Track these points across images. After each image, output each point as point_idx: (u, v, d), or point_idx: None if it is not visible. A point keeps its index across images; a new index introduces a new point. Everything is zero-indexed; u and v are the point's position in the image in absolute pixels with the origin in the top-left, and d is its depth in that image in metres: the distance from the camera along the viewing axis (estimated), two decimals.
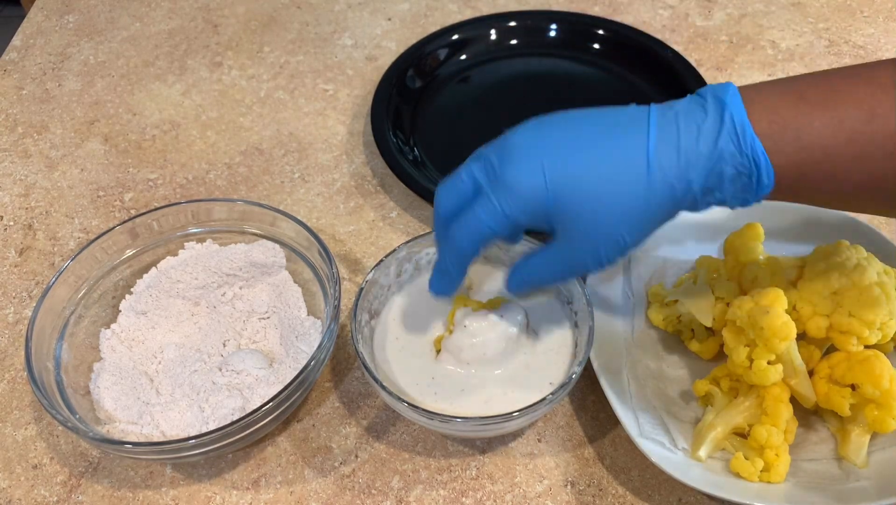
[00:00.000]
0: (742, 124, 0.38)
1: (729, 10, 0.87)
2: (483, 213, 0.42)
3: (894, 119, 0.36)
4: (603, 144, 0.40)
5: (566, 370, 0.50)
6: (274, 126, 0.76)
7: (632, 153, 0.39)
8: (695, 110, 0.39)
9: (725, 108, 0.38)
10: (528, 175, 0.40)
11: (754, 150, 0.38)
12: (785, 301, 0.47)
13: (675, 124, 0.39)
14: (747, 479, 0.47)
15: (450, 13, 0.88)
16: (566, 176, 0.40)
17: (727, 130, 0.38)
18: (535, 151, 0.41)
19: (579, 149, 0.40)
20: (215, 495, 0.51)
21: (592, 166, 0.40)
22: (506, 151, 0.42)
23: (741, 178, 0.39)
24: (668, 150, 0.39)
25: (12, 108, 0.80)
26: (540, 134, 0.41)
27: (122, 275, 0.59)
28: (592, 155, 0.40)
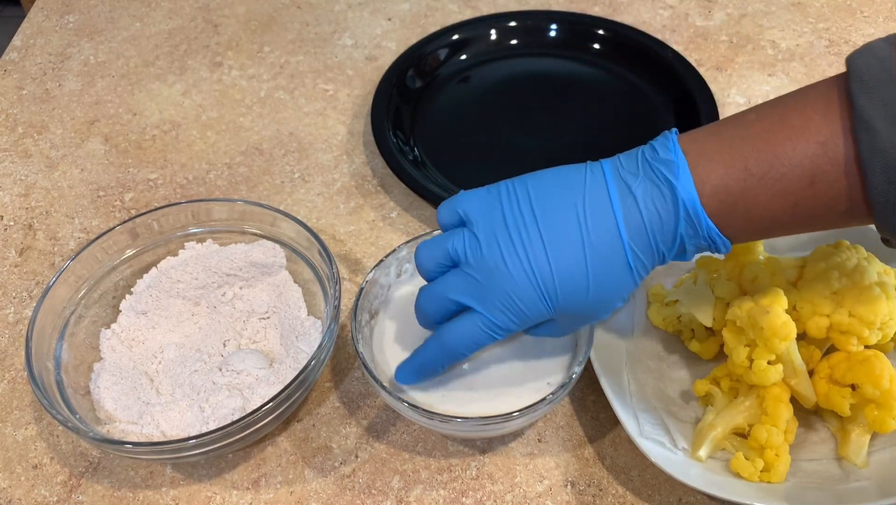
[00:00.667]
0: (696, 212, 0.41)
1: (729, 10, 0.87)
2: (483, 327, 0.44)
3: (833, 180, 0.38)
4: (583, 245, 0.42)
5: (566, 370, 0.50)
6: (274, 126, 0.76)
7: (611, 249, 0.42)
8: (652, 194, 0.41)
9: (677, 196, 0.41)
10: (525, 294, 0.43)
11: (709, 231, 0.41)
12: (785, 301, 0.47)
13: (639, 212, 0.42)
14: (747, 479, 0.47)
15: (450, 13, 0.88)
16: (559, 283, 0.42)
17: (683, 219, 0.41)
18: (523, 267, 0.42)
19: (563, 254, 0.42)
20: (215, 495, 0.51)
21: (581, 269, 0.42)
22: (492, 271, 0.43)
23: (701, 248, 0.43)
24: (640, 240, 0.42)
25: (12, 108, 0.80)
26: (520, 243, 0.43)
27: (122, 275, 0.59)
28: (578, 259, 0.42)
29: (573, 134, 0.73)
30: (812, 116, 0.39)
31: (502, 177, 0.47)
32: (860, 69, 0.37)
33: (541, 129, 0.74)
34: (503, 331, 0.44)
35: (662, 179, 0.41)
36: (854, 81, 0.37)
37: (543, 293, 0.42)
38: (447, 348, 0.46)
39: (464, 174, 0.69)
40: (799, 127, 0.39)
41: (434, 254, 0.46)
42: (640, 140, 0.73)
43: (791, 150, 0.39)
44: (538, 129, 0.74)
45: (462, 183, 0.68)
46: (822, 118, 0.38)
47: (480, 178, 0.69)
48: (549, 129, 0.74)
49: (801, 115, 0.39)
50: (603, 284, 0.43)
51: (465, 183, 0.68)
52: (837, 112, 0.38)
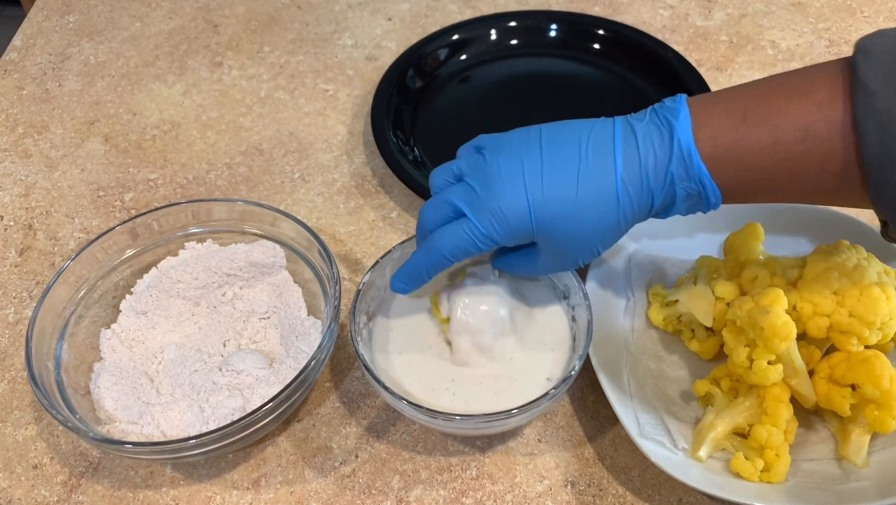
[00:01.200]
0: (689, 151, 0.42)
1: (729, 10, 0.87)
2: (469, 233, 0.45)
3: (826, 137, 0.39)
4: (578, 170, 0.44)
5: (566, 366, 0.50)
6: (274, 126, 0.76)
7: (604, 181, 0.43)
8: (651, 134, 0.43)
9: (674, 135, 0.42)
10: (513, 204, 0.44)
11: (700, 174, 0.42)
12: (785, 301, 0.47)
13: (637, 150, 0.43)
14: (747, 479, 0.47)
15: (450, 13, 0.88)
16: (548, 201, 0.44)
17: (676, 157, 0.42)
18: (518, 180, 0.44)
19: (558, 175, 0.44)
20: (215, 495, 0.51)
21: (572, 192, 0.43)
22: (489, 178, 0.45)
23: (691, 197, 0.43)
24: (632, 177, 0.43)
25: (13, 108, 0.80)
26: (520, 160, 0.45)
27: (122, 275, 0.59)
28: (570, 181, 0.43)
29: None
30: (814, 81, 0.40)
31: None
32: (867, 44, 0.38)
33: None
34: (487, 239, 0.45)
35: (664, 121, 0.43)
36: (859, 52, 0.38)
37: (531, 207, 0.43)
38: (433, 251, 0.46)
39: None
40: (799, 89, 0.40)
41: (444, 171, 0.48)
42: None
43: (786, 105, 0.40)
44: None
45: None
46: (823, 84, 0.39)
47: None
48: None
49: (804, 80, 0.40)
50: (589, 213, 0.43)
51: None
52: (840, 79, 0.39)
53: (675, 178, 0.42)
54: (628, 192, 0.43)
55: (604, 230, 0.44)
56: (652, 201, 0.43)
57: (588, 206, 0.43)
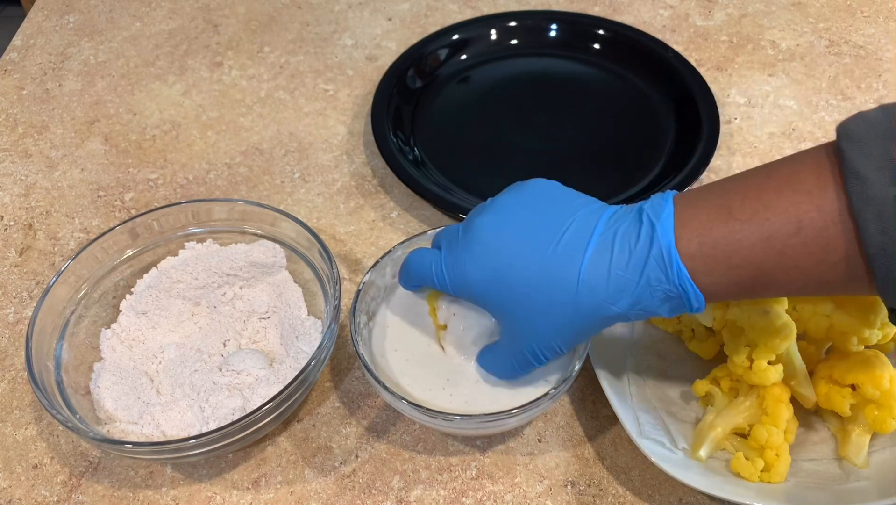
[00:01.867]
0: (669, 252, 0.39)
1: (729, 10, 0.87)
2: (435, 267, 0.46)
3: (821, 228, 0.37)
4: (546, 256, 0.43)
5: (566, 366, 0.50)
6: (274, 126, 0.76)
7: (566, 271, 0.42)
8: (631, 233, 0.41)
9: (655, 233, 0.40)
10: (478, 267, 0.44)
11: (681, 277, 0.39)
12: (785, 301, 0.47)
13: (612, 246, 0.41)
14: (747, 479, 0.47)
15: (450, 13, 0.88)
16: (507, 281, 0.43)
17: (654, 257, 0.40)
18: (491, 246, 0.44)
19: (526, 256, 0.43)
20: (215, 495, 0.51)
21: (531, 276, 0.43)
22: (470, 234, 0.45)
23: (671, 300, 0.41)
24: (598, 273, 0.41)
25: (13, 108, 0.80)
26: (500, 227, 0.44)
27: (122, 275, 0.59)
28: (534, 265, 0.43)
29: (573, 134, 0.73)
30: (801, 171, 0.38)
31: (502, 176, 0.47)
32: (849, 129, 0.37)
33: (541, 129, 0.74)
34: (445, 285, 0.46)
35: (646, 221, 0.41)
36: (843, 139, 0.36)
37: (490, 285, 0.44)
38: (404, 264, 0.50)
39: (464, 174, 0.69)
40: (786, 180, 0.38)
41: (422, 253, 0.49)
42: (639, 140, 0.73)
43: (776, 198, 0.38)
44: (538, 129, 0.74)
45: (462, 183, 0.68)
46: (810, 172, 0.38)
47: (480, 178, 0.69)
48: (549, 129, 0.74)
49: (790, 170, 0.39)
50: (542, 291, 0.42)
51: (466, 183, 0.68)
52: (828, 167, 0.37)
53: (651, 280, 0.40)
54: (592, 289, 0.41)
55: (559, 325, 0.43)
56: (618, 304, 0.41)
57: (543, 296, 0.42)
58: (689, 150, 0.68)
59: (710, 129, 0.69)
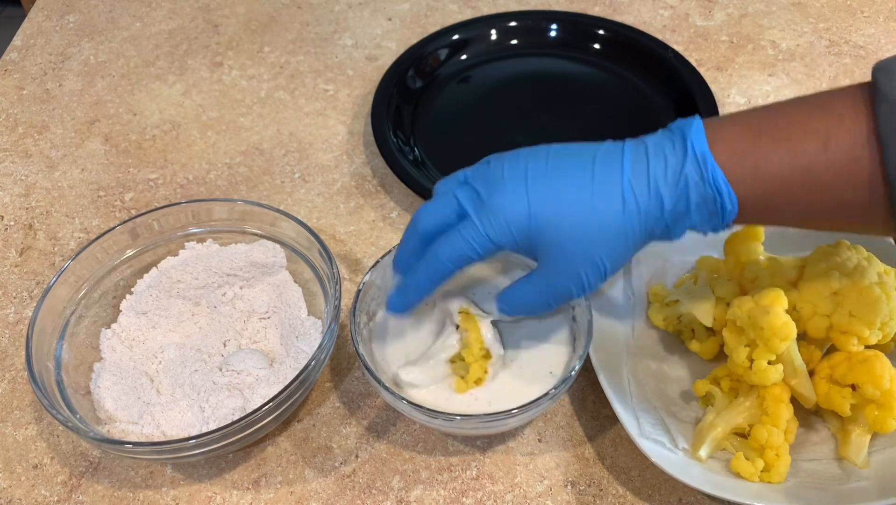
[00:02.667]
0: (703, 155, 0.40)
1: (729, 11, 0.87)
2: (469, 235, 0.44)
3: (848, 147, 0.37)
4: (583, 175, 0.43)
5: (566, 366, 0.50)
6: (274, 126, 0.76)
7: (609, 184, 0.42)
8: (663, 143, 0.42)
9: (688, 140, 0.41)
10: (514, 203, 0.43)
11: (715, 178, 0.40)
12: (785, 301, 0.47)
13: (646, 157, 0.42)
14: (747, 479, 0.47)
15: (450, 13, 0.88)
16: (549, 203, 0.42)
17: (690, 160, 0.40)
18: (520, 181, 0.43)
19: (561, 179, 0.43)
20: (216, 495, 0.51)
21: (574, 196, 0.42)
22: (491, 180, 0.44)
23: (706, 204, 0.41)
24: (640, 180, 0.42)
25: (13, 108, 0.80)
26: (524, 164, 0.44)
27: (122, 275, 0.59)
28: (574, 185, 0.42)
29: (573, 134, 0.72)
30: (833, 98, 0.39)
31: None
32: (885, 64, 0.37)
33: (541, 129, 0.74)
34: (486, 240, 0.43)
35: (676, 132, 0.42)
36: (878, 72, 0.37)
37: (530, 205, 0.42)
38: (433, 258, 0.45)
39: None
40: (817, 104, 0.39)
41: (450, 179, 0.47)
42: None
43: (807, 118, 0.39)
44: (538, 129, 0.74)
45: None
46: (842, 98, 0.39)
47: None
48: (549, 129, 0.74)
49: (823, 97, 0.40)
50: (592, 213, 0.42)
51: None
52: (860, 95, 0.38)
53: (688, 181, 0.40)
54: (635, 194, 0.41)
55: (609, 234, 0.42)
56: (661, 205, 0.41)
57: (591, 207, 0.42)
58: None
59: None
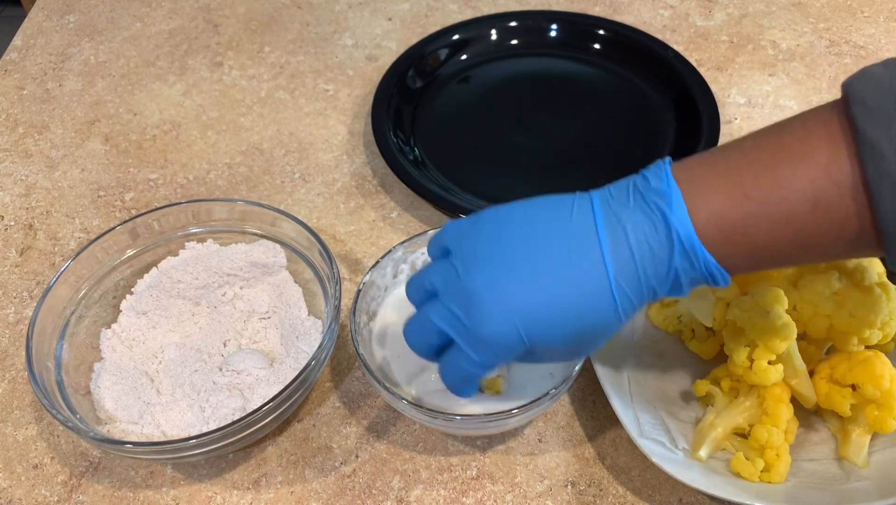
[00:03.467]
0: (691, 244, 0.38)
1: (729, 11, 0.87)
2: (469, 365, 0.42)
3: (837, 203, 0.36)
4: (566, 280, 0.40)
5: (566, 366, 0.50)
6: (274, 126, 0.76)
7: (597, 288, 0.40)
8: (644, 226, 0.39)
9: (670, 227, 0.38)
10: (503, 332, 0.40)
11: (707, 265, 0.39)
12: (785, 301, 0.47)
13: (628, 246, 0.39)
14: (748, 479, 0.47)
15: (450, 13, 0.88)
16: (540, 324, 0.40)
17: (678, 253, 0.39)
18: (501, 303, 0.40)
19: (540, 288, 0.40)
20: (216, 495, 0.51)
21: (563, 310, 0.40)
22: (468, 300, 0.41)
23: (697, 282, 0.40)
24: (629, 280, 0.39)
25: (13, 108, 0.80)
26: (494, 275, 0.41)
27: (122, 275, 0.59)
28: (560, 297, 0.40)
29: (573, 134, 0.73)
30: (813, 141, 0.37)
31: (502, 176, 0.46)
32: (861, 94, 0.36)
33: (541, 129, 0.74)
34: (487, 366, 0.42)
35: (655, 210, 0.39)
36: (856, 105, 0.35)
37: (520, 328, 0.40)
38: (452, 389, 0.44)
39: (464, 174, 0.69)
40: (799, 152, 0.37)
41: (416, 287, 0.44)
42: (639, 140, 0.73)
43: (791, 174, 0.37)
44: (538, 129, 0.74)
45: (462, 183, 0.68)
46: (823, 142, 0.37)
47: (480, 178, 0.69)
48: (549, 129, 0.74)
49: (801, 140, 0.38)
50: (584, 321, 0.40)
51: (465, 183, 0.68)
52: (840, 135, 0.36)
53: (679, 272, 0.39)
54: (624, 291, 0.40)
55: (600, 330, 0.41)
56: (654, 294, 0.40)
57: (581, 314, 0.40)
58: (689, 150, 0.68)
59: (710, 130, 0.69)
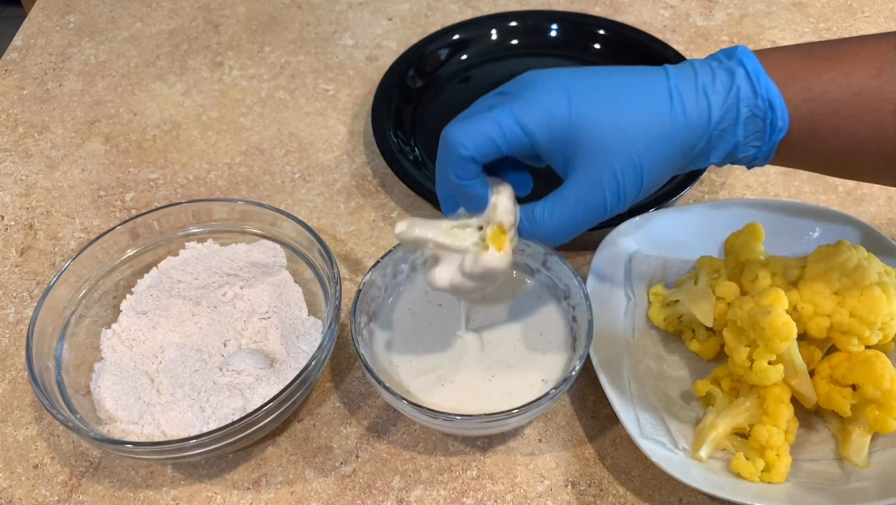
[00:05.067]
0: (756, 69, 0.39)
1: (730, 10, 0.87)
2: (498, 115, 0.40)
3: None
4: (626, 80, 0.41)
5: (566, 366, 0.50)
6: (275, 126, 0.76)
7: (654, 87, 0.40)
8: (708, 62, 0.41)
9: (734, 56, 0.40)
10: (551, 94, 0.40)
11: (769, 91, 0.39)
12: (786, 301, 0.47)
13: (692, 70, 0.40)
14: (748, 479, 0.47)
15: (450, 13, 0.88)
16: (590, 99, 0.40)
17: (741, 74, 0.39)
18: (559, 80, 0.41)
19: (603, 82, 0.41)
20: (216, 495, 0.51)
21: (616, 95, 0.40)
22: (527, 81, 0.41)
23: (755, 120, 0.39)
24: (687, 87, 0.40)
25: (13, 108, 0.80)
26: (561, 70, 0.42)
27: (122, 275, 0.59)
28: (616, 87, 0.41)
29: None
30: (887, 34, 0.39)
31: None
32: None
33: None
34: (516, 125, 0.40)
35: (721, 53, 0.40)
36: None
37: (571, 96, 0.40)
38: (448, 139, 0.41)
39: None
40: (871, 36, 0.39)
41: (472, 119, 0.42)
42: None
43: (859, 46, 0.38)
44: None
45: None
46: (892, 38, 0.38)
47: None
48: None
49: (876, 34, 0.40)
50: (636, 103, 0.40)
51: None
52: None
53: (739, 92, 0.39)
54: (682, 98, 0.39)
55: (651, 134, 0.40)
56: (709, 113, 0.39)
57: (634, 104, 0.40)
58: None
59: None
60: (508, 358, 0.51)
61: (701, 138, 0.40)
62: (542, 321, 0.53)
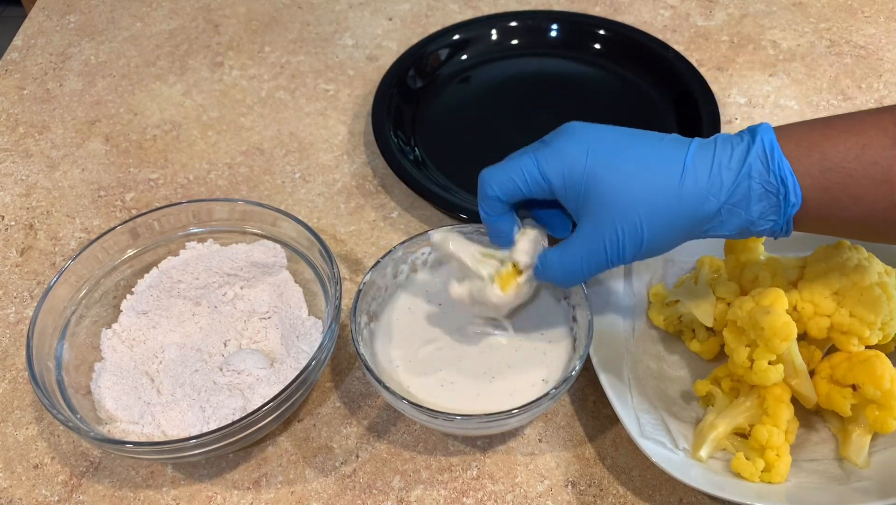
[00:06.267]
0: (771, 145, 0.41)
1: (730, 11, 0.87)
2: (522, 161, 0.45)
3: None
4: (648, 145, 0.43)
5: (566, 366, 0.50)
6: (275, 126, 0.76)
7: (670, 157, 0.42)
8: (731, 138, 0.43)
9: (756, 133, 0.42)
10: (573, 146, 0.44)
11: (781, 168, 0.41)
12: (786, 301, 0.47)
13: (713, 145, 0.43)
14: (748, 479, 0.47)
15: (451, 13, 0.88)
16: (606, 157, 0.43)
17: (756, 150, 0.41)
18: (585, 134, 0.44)
19: (624, 142, 0.44)
20: (216, 495, 0.51)
21: (632, 158, 0.43)
22: (561, 131, 0.46)
23: (768, 196, 0.41)
24: (702, 162, 0.42)
25: (13, 108, 0.80)
26: (594, 126, 0.45)
27: (123, 275, 0.59)
28: (635, 150, 0.43)
29: None
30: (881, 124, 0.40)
31: None
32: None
33: (541, 129, 0.73)
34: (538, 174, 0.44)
35: (744, 131, 0.43)
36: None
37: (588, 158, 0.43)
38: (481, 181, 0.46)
39: (464, 174, 0.69)
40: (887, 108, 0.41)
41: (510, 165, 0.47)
42: None
43: (875, 118, 0.40)
44: (538, 129, 0.73)
45: (462, 183, 0.68)
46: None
47: None
48: (549, 130, 0.73)
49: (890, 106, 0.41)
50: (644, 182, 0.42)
51: (466, 183, 0.68)
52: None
53: (752, 169, 0.41)
54: (695, 170, 0.42)
55: (657, 201, 0.42)
56: (720, 189, 0.41)
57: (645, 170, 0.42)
58: None
59: (710, 130, 0.69)
60: (508, 358, 0.51)
61: (711, 211, 0.42)
62: (542, 321, 0.53)
